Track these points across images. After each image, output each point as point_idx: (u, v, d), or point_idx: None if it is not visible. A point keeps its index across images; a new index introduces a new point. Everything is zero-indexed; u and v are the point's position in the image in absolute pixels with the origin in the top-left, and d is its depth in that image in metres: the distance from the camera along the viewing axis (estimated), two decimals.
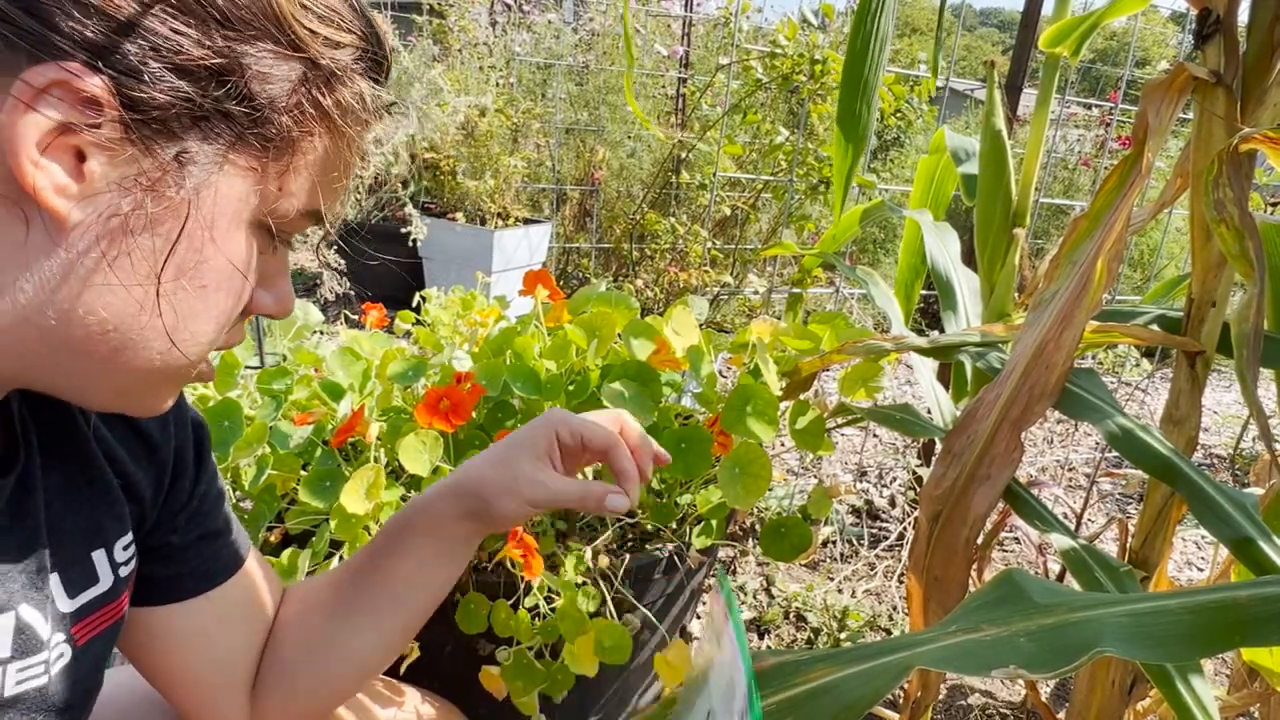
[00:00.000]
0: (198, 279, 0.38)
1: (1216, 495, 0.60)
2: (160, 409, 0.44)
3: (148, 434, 0.51)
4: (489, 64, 3.28)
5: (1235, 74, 0.63)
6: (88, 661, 0.46)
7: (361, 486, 0.81)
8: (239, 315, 0.42)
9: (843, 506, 1.87)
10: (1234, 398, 3.15)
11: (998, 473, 0.66)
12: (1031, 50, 1.53)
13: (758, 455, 0.88)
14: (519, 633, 0.87)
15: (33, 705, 0.42)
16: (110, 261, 0.36)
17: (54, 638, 0.43)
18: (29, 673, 0.41)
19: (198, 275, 0.38)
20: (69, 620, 0.44)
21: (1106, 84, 5.12)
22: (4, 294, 0.35)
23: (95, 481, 0.47)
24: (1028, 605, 0.45)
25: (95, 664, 0.47)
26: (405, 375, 0.93)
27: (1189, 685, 0.57)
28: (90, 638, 0.46)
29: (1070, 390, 0.69)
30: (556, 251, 3.42)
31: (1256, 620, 0.40)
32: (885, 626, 1.48)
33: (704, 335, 1.03)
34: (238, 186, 0.38)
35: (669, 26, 3.58)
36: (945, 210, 1.37)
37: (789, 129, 2.88)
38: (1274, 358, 0.70)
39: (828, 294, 3.25)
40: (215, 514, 0.57)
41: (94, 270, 0.35)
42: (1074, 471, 2.28)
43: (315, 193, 0.42)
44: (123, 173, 0.35)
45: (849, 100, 0.84)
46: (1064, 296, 0.66)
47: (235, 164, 0.38)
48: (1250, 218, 0.58)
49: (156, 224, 0.36)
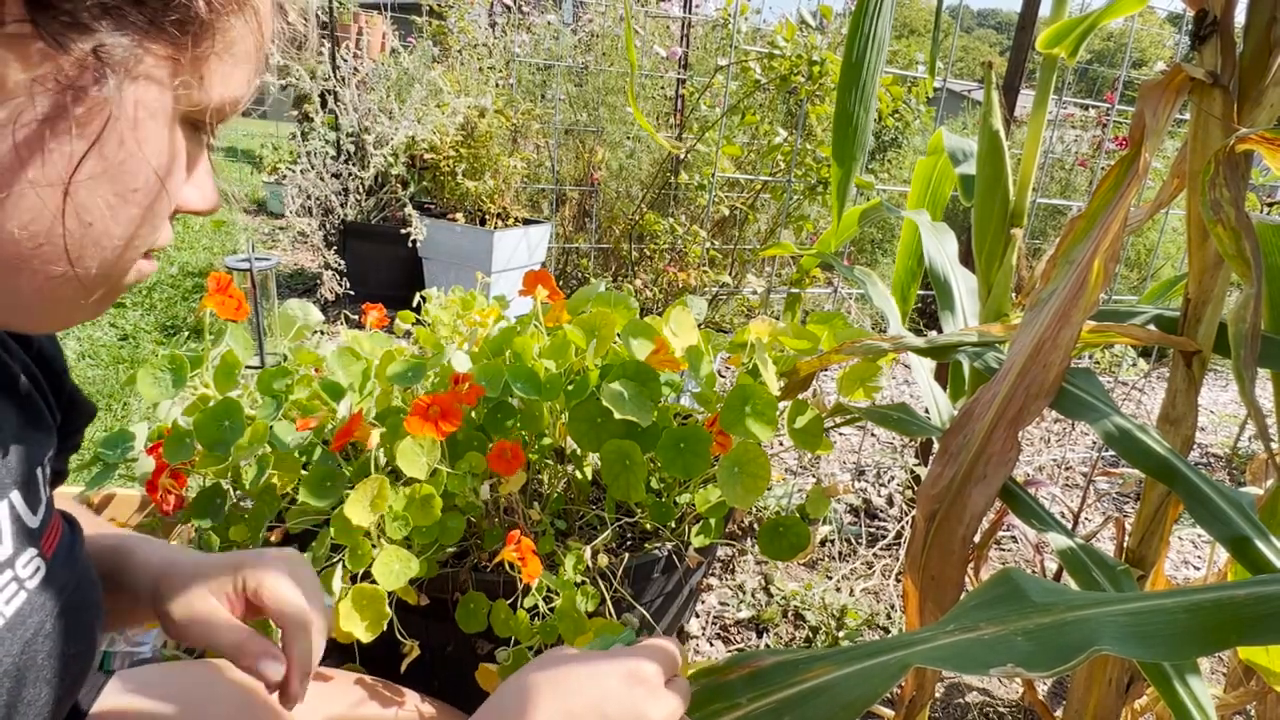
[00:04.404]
0: (124, 180, 0.37)
1: (1213, 494, 0.61)
2: (97, 313, 0.42)
3: (48, 354, 0.50)
4: (488, 65, 3.29)
5: (1232, 75, 0.63)
6: (61, 575, 0.45)
7: (366, 498, 0.81)
8: (167, 214, 0.41)
9: (841, 505, 1.87)
10: (1230, 397, 3.16)
11: (994, 472, 0.67)
12: (1029, 51, 1.54)
13: (756, 455, 0.89)
14: (518, 632, 0.87)
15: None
16: (27, 168, 0.34)
17: (25, 553, 0.42)
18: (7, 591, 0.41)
19: (123, 176, 0.37)
20: (36, 535, 0.44)
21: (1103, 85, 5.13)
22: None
23: (23, 397, 0.46)
24: (1025, 604, 0.45)
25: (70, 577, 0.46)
26: (404, 376, 0.94)
27: (1186, 684, 0.57)
28: (53, 551, 0.45)
29: (1067, 389, 0.69)
30: (556, 252, 3.42)
31: (1253, 619, 0.40)
32: (883, 625, 1.48)
33: (702, 335, 1.03)
34: (157, 78, 0.36)
35: (668, 28, 3.58)
36: (943, 211, 1.38)
37: (787, 129, 2.89)
38: (1271, 357, 0.70)
39: (826, 294, 3.25)
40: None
41: (10, 179, 0.34)
42: (1071, 470, 2.28)
43: (233, 79, 0.40)
44: (34, 73, 0.33)
45: (843, 124, 0.83)
46: (1061, 296, 0.67)
47: (153, 53, 0.36)
48: (1247, 218, 0.58)
49: (79, 125, 0.34)
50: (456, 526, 0.88)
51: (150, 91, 0.36)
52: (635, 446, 0.90)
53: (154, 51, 0.36)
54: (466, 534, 0.95)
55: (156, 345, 2.61)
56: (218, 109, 0.40)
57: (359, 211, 3.24)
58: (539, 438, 1.00)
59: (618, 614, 0.92)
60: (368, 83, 3.25)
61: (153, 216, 0.40)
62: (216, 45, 0.38)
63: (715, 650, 1.41)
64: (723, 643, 1.43)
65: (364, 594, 0.81)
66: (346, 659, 0.90)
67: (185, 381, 0.92)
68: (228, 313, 0.93)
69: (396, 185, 3.22)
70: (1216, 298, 0.69)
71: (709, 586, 1.56)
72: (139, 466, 1.01)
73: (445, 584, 0.91)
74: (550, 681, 0.47)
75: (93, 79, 0.34)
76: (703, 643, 1.42)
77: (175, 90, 0.37)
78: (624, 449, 0.90)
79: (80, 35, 0.33)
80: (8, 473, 0.42)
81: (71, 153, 0.35)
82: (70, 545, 0.47)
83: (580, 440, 0.93)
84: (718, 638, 1.44)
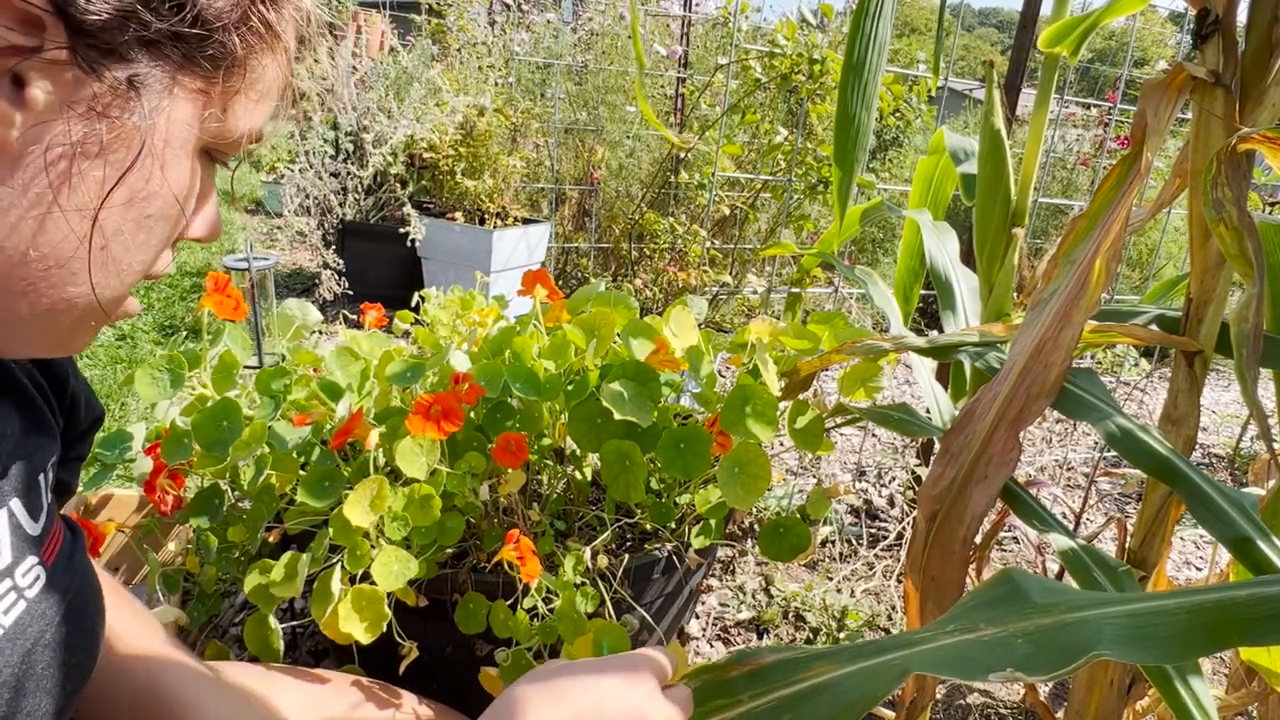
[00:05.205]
0: (144, 208, 0.37)
1: (1215, 495, 0.60)
2: (82, 346, 0.42)
3: (56, 368, 0.51)
4: (488, 64, 3.28)
5: (1233, 74, 0.63)
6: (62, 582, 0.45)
7: (365, 498, 0.81)
8: (172, 243, 0.41)
9: (841, 506, 1.87)
10: (1232, 397, 3.16)
11: (995, 472, 0.66)
12: (1030, 50, 1.53)
13: (757, 455, 0.88)
14: (518, 633, 0.87)
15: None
16: (56, 193, 0.34)
17: (25, 561, 0.42)
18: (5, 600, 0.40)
19: (145, 204, 0.37)
20: (37, 543, 0.43)
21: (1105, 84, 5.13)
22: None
23: (32, 405, 0.46)
24: (1025, 605, 0.45)
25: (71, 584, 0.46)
26: (403, 375, 0.93)
27: (1187, 685, 0.57)
28: (53, 559, 0.45)
29: (1068, 390, 0.69)
30: (555, 251, 3.41)
31: (1255, 620, 0.39)
32: (884, 626, 1.48)
33: (703, 335, 1.02)
34: (186, 111, 0.37)
35: (668, 26, 3.58)
36: (944, 210, 1.37)
37: (788, 128, 2.88)
38: (1274, 357, 0.69)
39: (826, 294, 3.25)
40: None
41: (38, 203, 0.34)
42: (1072, 471, 2.28)
43: (257, 113, 0.41)
44: (70, 99, 0.33)
45: (844, 126, 0.83)
46: (1062, 296, 0.66)
47: (184, 87, 0.36)
48: (1249, 217, 0.58)
49: (108, 152, 0.35)
50: (456, 527, 0.88)
51: (179, 123, 0.37)
52: (635, 447, 0.90)
53: (185, 85, 0.36)
54: (466, 535, 0.95)
55: (154, 345, 2.60)
56: (238, 141, 0.41)
57: (357, 211, 3.24)
58: (538, 438, 1.00)
59: (617, 615, 0.92)
60: (366, 81, 3.25)
61: (165, 245, 0.40)
62: (245, 81, 0.39)
63: (715, 651, 1.41)
64: (723, 644, 1.43)
65: (363, 595, 0.81)
66: (345, 660, 0.89)
67: (183, 381, 0.92)
68: (226, 312, 0.92)
69: (395, 184, 3.22)
70: (1219, 297, 0.68)
71: (709, 587, 1.55)
72: (137, 467, 1.01)
73: (444, 585, 0.91)
74: (548, 690, 0.47)
75: (125, 108, 0.34)
76: (703, 644, 1.42)
77: (202, 123, 0.38)
78: (624, 449, 0.90)
79: (116, 64, 0.33)
80: (8, 480, 0.42)
81: (102, 179, 0.35)
82: (70, 553, 0.47)
83: (580, 440, 0.93)
84: (718, 639, 1.44)
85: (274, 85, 0.41)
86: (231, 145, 0.41)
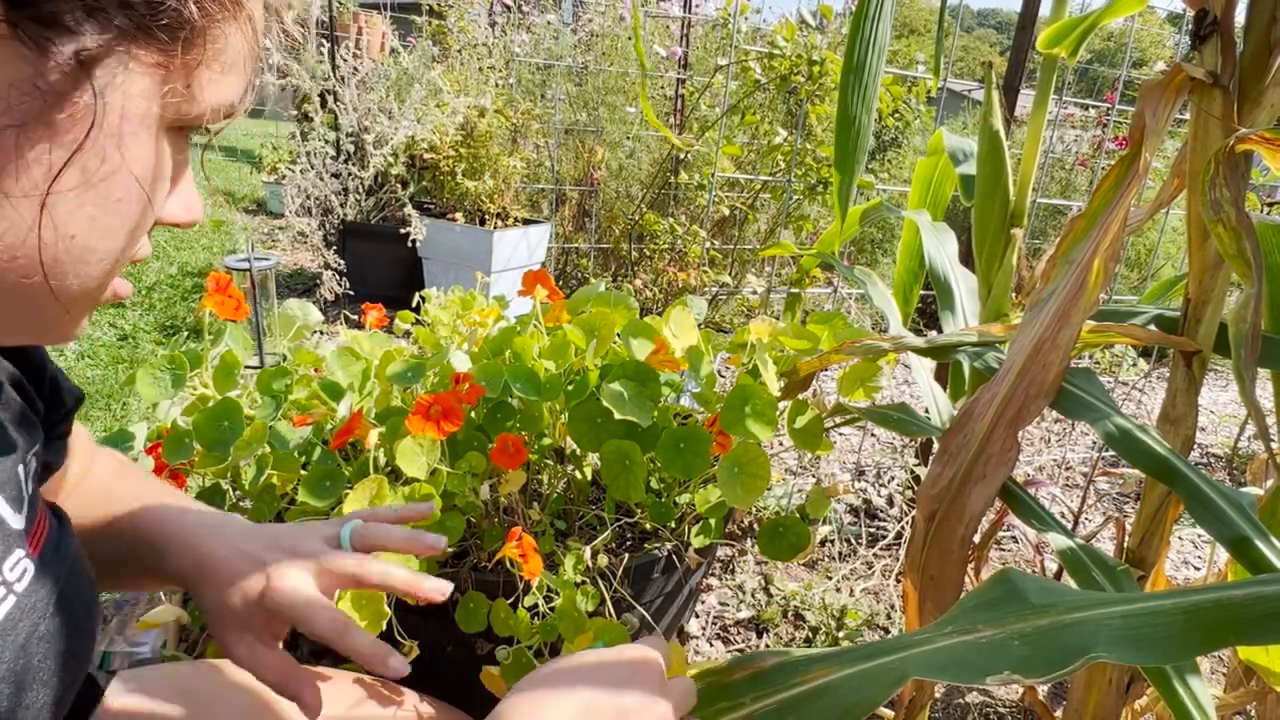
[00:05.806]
0: (106, 192, 0.35)
1: (1213, 494, 0.61)
2: (72, 334, 0.41)
3: (25, 346, 0.49)
4: (488, 65, 3.28)
5: (1232, 75, 0.63)
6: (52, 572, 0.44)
7: (365, 498, 0.81)
8: (149, 227, 0.40)
9: (841, 506, 1.87)
10: (1230, 397, 3.16)
11: (994, 472, 0.67)
12: (1029, 51, 1.53)
13: (756, 455, 0.89)
14: (518, 632, 0.87)
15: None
16: (4, 177, 0.32)
17: (10, 556, 0.41)
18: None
19: (106, 188, 0.35)
20: (21, 537, 0.43)
21: (1103, 85, 5.13)
22: None
23: (9, 400, 0.45)
24: (1023, 605, 0.45)
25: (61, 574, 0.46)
26: (404, 376, 0.94)
27: (1186, 684, 0.57)
28: (40, 550, 0.45)
29: (1067, 389, 0.69)
30: (555, 251, 3.42)
31: (1252, 619, 0.40)
32: (883, 625, 1.48)
33: (702, 335, 1.03)
34: (144, 85, 0.35)
35: (667, 28, 3.58)
36: (943, 211, 1.38)
37: (787, 129, 2.89)
38: (1272, 357, 0.70)
39: (826, 294, 3.25)
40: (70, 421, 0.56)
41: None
42: (1071, 471, 2.28)
43: (224, 87, 0.39)
44: (11, 77, 0.31)
45: (844, 129, 0.83)
46: (1061, 296, 0.67)
47: (140, 60, 0.34)
48: (1247, 218, 0.58)
49: (61, 134, 0.33)
50: (456, 526, 0.88)
51: (136, 100, 0.35)
52: (635, 446, 0.90)
53: (141, 58, 0.34)
54: (466, 534, 0.95)
55: (156, 345, 2.61)
56: (207, 116, 0.39)
57: (358, 211, 3.24)
58: (539, 438, 1.00)
59: (617, 614, 0.92)
60: (367, 82, 3.25)
61: (137, 230, 0.38)
62: (208, 52, 0.36)
63: (715, 650, 1.41)
64: (723, 643, 1.43)
65: (363, 593, 0.81)
66: (345, 658, 0.89)
67: (184, 382, 0.92)
68: (227, 313, 0.93)
69: (396, 185, 3.22)
70: (1217, 298, 0.69)
71: (709, 587, 1.56)
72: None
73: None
74: (559, 674, 0.47)
75: (74, 85, 0.32)
76: (703, 643, 1.42)
77: (163, 99, 0.36)
78: (624, 449, 0.90)
79: (62, 38, 0.31)
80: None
81: (51, 162, 0.33)
82: (57, 543, 0.46)
83: (580, 440, 0.93)
84: (718, 638, 1.44)
85: (240, 56, 0.39)
86: (197, 120, 0.38)
